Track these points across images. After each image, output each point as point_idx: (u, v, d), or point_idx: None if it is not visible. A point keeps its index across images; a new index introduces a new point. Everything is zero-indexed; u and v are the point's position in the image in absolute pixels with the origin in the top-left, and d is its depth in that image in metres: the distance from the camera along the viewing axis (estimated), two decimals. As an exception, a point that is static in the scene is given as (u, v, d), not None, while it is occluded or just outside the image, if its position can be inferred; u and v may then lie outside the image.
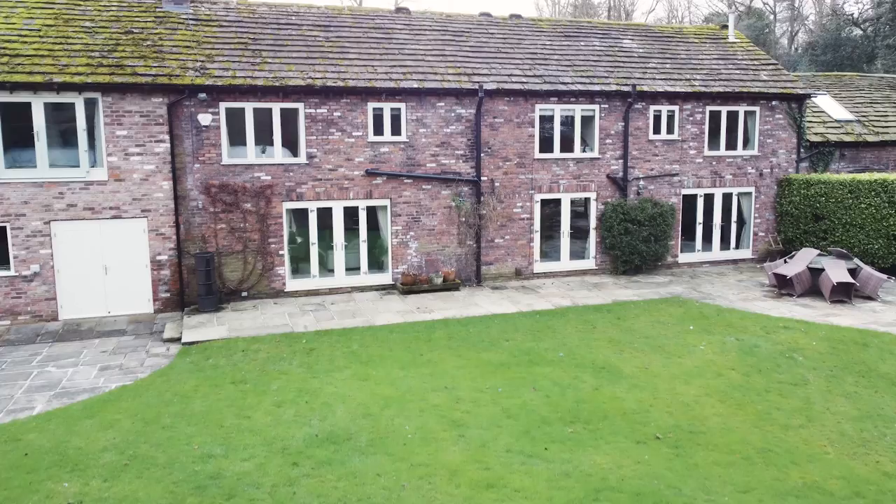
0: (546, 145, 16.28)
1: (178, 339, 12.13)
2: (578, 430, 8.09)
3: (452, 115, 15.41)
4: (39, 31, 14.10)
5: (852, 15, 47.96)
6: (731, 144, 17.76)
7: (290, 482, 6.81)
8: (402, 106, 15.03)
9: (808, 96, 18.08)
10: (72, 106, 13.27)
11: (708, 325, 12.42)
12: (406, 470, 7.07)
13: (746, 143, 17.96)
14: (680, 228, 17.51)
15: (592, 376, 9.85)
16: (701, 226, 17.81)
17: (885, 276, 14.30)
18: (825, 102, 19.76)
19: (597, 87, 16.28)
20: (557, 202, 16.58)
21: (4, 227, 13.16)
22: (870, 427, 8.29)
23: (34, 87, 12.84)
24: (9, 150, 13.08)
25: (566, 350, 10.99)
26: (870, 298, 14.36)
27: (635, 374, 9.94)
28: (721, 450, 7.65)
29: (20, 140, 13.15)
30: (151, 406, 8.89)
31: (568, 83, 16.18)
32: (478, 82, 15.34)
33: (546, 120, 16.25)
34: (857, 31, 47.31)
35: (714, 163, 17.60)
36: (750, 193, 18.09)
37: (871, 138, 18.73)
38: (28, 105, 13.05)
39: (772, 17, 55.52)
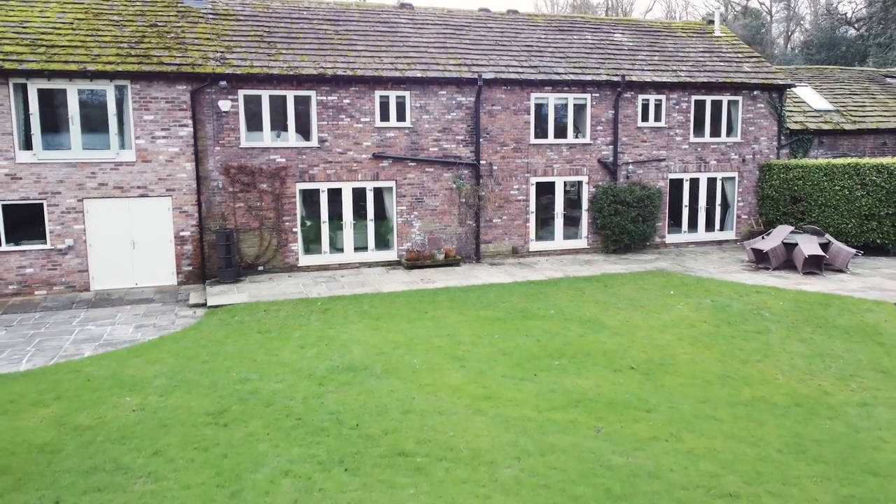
0: (541, 131, 17.72)
1: (204, 304, 13.51)
2: (564, 363, 9.48)
3: (453, 102, 16.84)
4: (72, 24, 15.53)
5: (846, 14, 49.57)
6: (715, 132, 19.20)
7: (318, 396, 8.20)
8: (406, 94, 16.46)
9: (788, 86, 19.54)
10: (103, 92, 14.70)
11: (687, 290, 13.83)
12: (415, 388, 8.46)
13: (730, 131, 19.40)
14: (667, 211, 18.92)
15: (579, 327, 11.25)
16: (687, 208, 19.23)
17: (854, 251, 15.70)
18: (806, 93, 21.21)
19: (588, 78, 17.71)
20: (552, 185, 17.99)
21: (42, 204, 14.56)
22: (818, 362, 9.68)
23: (69, 75, 14.26)
24: (46, 133, 14.50)
25: (556, 309, 12.39)
26: (840, 271, 15.74)
27: (617, 326, 11.34)
28: (686, 376, 9.04)
29: (56, 124, 14.58)
30: (189, 348, 10.28)
31: (561, 73, 17.62)
32: (477, 72, 16.78)
33: (541, 108, 17.68)
34: (851, 31, 48.90)
35: (699, 149, 19.03)
36: (733, 178, 19.52)
37: (848, 127, 20.17)
38: (63, 91, 14.48)
39: (768, 16, 57.02)
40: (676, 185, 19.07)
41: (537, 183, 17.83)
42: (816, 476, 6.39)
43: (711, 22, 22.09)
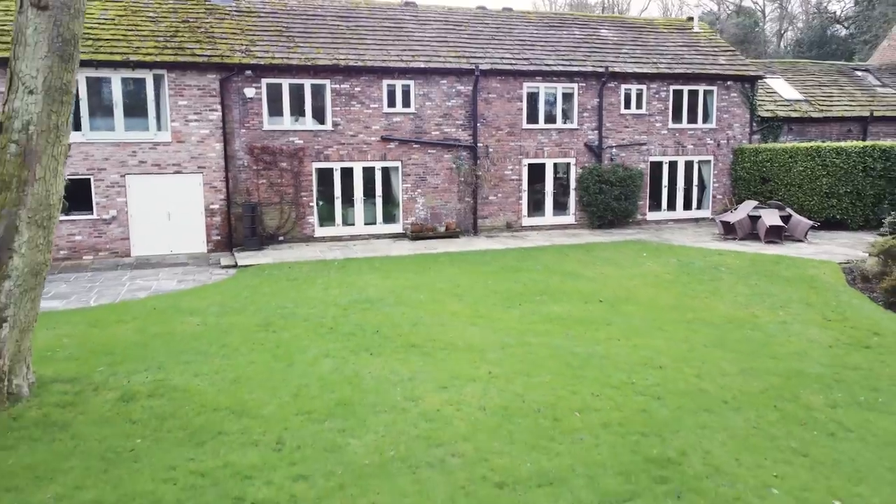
0: (532, 117, 19.89)
1: (234, 265, 15.66)
2: (545, 298, 11.64)
3: (453, 91, 19.02)
4: (114, 20, 17.72)
5: (835, 13, 51.82)
6: (692, 119, 21.38)
7: (344, 316, 10.36)
8: (411, 83, 18.64)
9: (759, 77, 21.73)
10: (143, 80, 16.88)
11: (658, 254, 15.99)
12: (422, 312, 10.62)
13: (706, 118, 21.58)
14: (648, 191, 21.09)
15: (560, 277, 13.41)
16: (666, 189, 21.40)
17: (811, 222, 17.87)
18: (778, 84, 23.39)
19: (576, 69, 19.89)
20: (542, 166, 20.17)
21: (89, 179, 16.74)
22: (756, 299, 11.83)
23: (114, 65, 16.44)
24: (93, 116, 16.69)
25: (542, 265, 14.56)
26: (799, 241, 17.90)
27: (593, 276, 13.50)
28: (643, 306, 11.19)
29: (101, 108, 16.76)
30: (231, 290, 12.46)
31: (551, 65, 19.81)
32: (475, 64, 18.96)
33: (532, 96, 19.86)
34: (841, 29, 51.11)
35: (677, 134, 21.21)
36: (709, 161, 21.70)
37: (815, 115, 22.34)
38: (108, 79, 16.68)
39: (761, 15, 59.20)
40: (656, 167, 21.24)
41: (529, 164, 20.00)
42: (728, 359, 8.53)
43: (691, 19, 24.27)
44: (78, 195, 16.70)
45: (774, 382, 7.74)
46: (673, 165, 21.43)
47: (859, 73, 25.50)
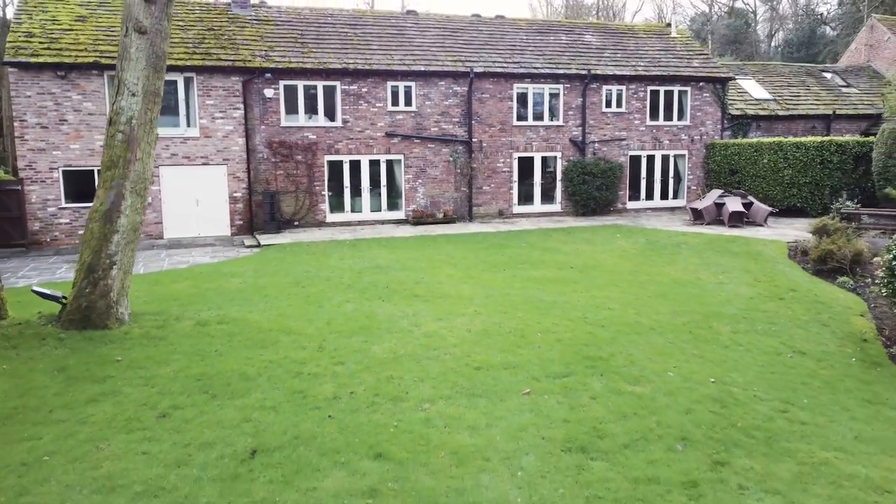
0: (522, 115, 22.35)
1: (257, 245, 18.10)
2: (525, 266, 14.09)
3: (450, 91, 21.48)
4: (148, 28, 20.17)
5: (821, 15, 54.30)
6: (668, 116, 23.83)
7: (359, 277, 12.82)
8: (412, 84, 21.10)
9: (730, 79, 24.19)
10: (175, 82, 19.33)
11: (631, 235, 18.46)
12: (423, 275, 13.06)
13: (681, 116, 24.04)
14: (627, 182, 23.55)
15: (541, 251, 15.87)
16: (644, 180, 23.86)
17: (770, 209, 20.32)
18: (749, 84, 25.85)
19: (561, 71, 22.36)
20: (531, 159, 22.63)
21: (127, 169, 19.17)
22: (704, 267, 14.26)
23: (150, 69, 18.87)
24: (131, 113, 19.13)
25: (527, 243, 17.02)
26: (759, 225, 20.34)
27: (569, 251, 15.95)
28: (606, 271, 13.63)
29: (139, 107, 19.20)
30: (260, 261, 14.91)
31: (539, 68, 22.27)
32: (470, 67, 21.42)
33: (522, 96, 22.32)
34: (829, 31, 53.57)
35: (654, 131, 23.66)
36: (684, 155, 24.16)
37: (781, 113, 24.80)
38: (145, 81, 19.10)
39: (752, 16, 61.63)
40: (635, 160, 23.70)
41: (519, 158, 22.46)
42: (665, 305, 10.97)
43: (669, 25, 26.74)
44: (118, 184, 19.16)
45: (695, 318, 10.19)
46: (651, 159, 23.88)
47: (826, 75, 27.95)
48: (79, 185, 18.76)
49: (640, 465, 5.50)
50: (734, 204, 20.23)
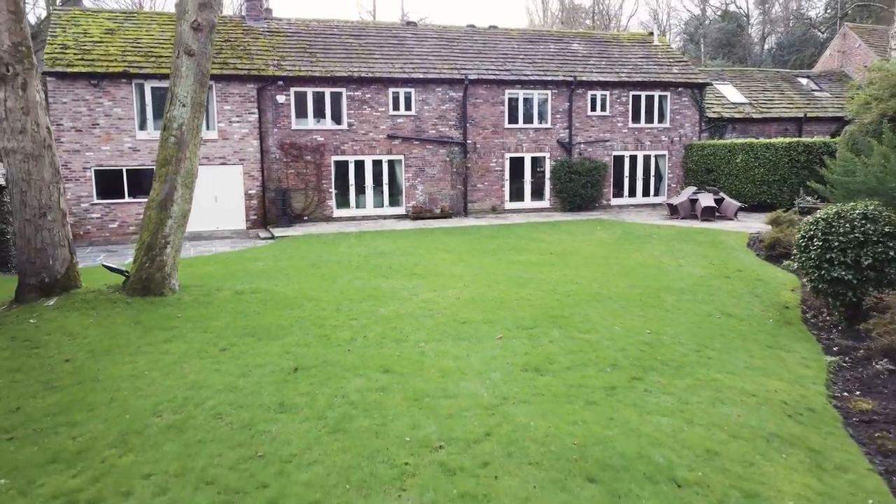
0: (513, 118, 24.56)
1: (272, 237, 20.31)
2: (511, 252, 16.29)
3: (447, 96, 23.70)
4: (170, 39, 22.40)
5: (810, 18, 56.55)
6: (649, 119, 26.04)
7: (365, 261, 15.02)
8: (412, 90, 23.32)
9: (707, 84, 26.40)
10: (196, 89, 21.52)
11: (610, 227, 20.65)
12: (420, 259, 15.25)
13: (661, 119, 26.25)
14: (611, 180, 25.75)
15: (526, 241, 18.07)
16: (627, 178, 26.06)
17: (739, 204, 22.50)
18: (726, 89, 28.06)
19: (549, 78, 24.57)
20: (522, 159, 24.84)
21: (153, 169, 21.34)
22: (668, 254, 16.43)
23: (173, 77, 21.07)
24: (156, 118, 21.36)
25: (514, 235, 19.23)
26: (729, 219, 22.52)
27: (552, 240, 18.16)
28: (581, 256, 15.82)
29: (162, 111, 21.34)
30: (277, 249, 17.12)
31: (529, 75, 24.48)
32: (464, 74, 23.63)
33: (513, 101, 24.53)
34: (818, 34, 55.77)
35: (636, 133, 25.87)
36: (664, 155, 26.36)
37: (756, 116, 27.01)
38: (168, 88, 21.30)
39: (745, 20, 63.83)
40: (619, 160, 25.90)
41: (511, 158, 24.67)
42: (625, 281, 13.15)
43: (651, 33, 28.95)
44: (144, 182, 21.37)
45: (648, 291, 12.38)
46: (633, 159, 26.08)
47: (802, 80, 30.16)
48: (108, 183, 20.98)
49: (576, 379, 7.68)
50: (707, 200, 22.41)
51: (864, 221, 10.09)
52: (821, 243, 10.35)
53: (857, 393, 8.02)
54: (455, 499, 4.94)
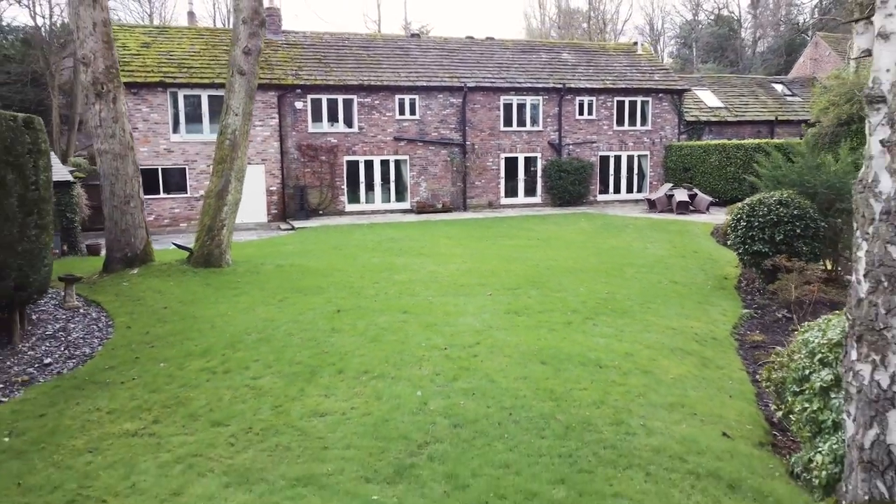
0: (508, 122, 27.58)
1: (292, 228, 23.30)
2: (503, 238, 19.30)
3: (448, 102, 26.72)
4: (199, 52, 25.44)
5: (798, 23, 59.62)
6: (632, 122, 29.05)
7: (379, 244, 18.03)
8: (416, 97, 26.35)
9: (685, 91, 29.42)
10: (222, 97, 24.52)
11: (593, 219, 23.67)
12: (425, 243, 18.26)
13: (643, 122, 29.26)
14: (598, 178, 28.76)
15: (517, 230, 21.08)
16: (612, 177, 29.08)
17: (711, 199, 25.51)
18: (704, 94, 31.09)
19: (541, 85, 27.59)
20: (516, 159, 27.85)
21: (185, 168, 24.40)
22: (638, 239, 19.41)
23: (203, 86, 24.14)
24: (188, 122, 24.38)
25: (507, 225, 22.25)
26: (702, 213, 25.52)
27: (539, 230, 21.16)
28: (563, 242, 18.82)
29: (194, 117, 24.45)
30: (301, 237, 20.13)
31: (522, 83, 27.50)
32: (464, 82, 26.65)
33: (508, 106, 27.55)
34: (806, 39, 58.77)
35: (621, 135, 28.88)
36: (646, 155, 29.37)
37: (731, 119, 30.03)
38: (199, 96, 24.37)
39: (738, 24, 66.86)
40: (605, 160, 28.91)
41: (506, 158, 27.69)
42: (596, 258, 16.14)
43: (636, 44, 32.00)
44: (177, 180, 24.40)
45: (613, 266, 15.37)
46: (618, 159, 29.09)
47: (776, 87, 33.20)
48: (146, 181, 23.97)
49: (544, 318, 10.67)
50: (681, 195, 25.42)
51: (778, 206, 13.10)
52: (745, 223, 13.37)
53: (757, 332, 11.03)
54: (454, 370, 7.94)
